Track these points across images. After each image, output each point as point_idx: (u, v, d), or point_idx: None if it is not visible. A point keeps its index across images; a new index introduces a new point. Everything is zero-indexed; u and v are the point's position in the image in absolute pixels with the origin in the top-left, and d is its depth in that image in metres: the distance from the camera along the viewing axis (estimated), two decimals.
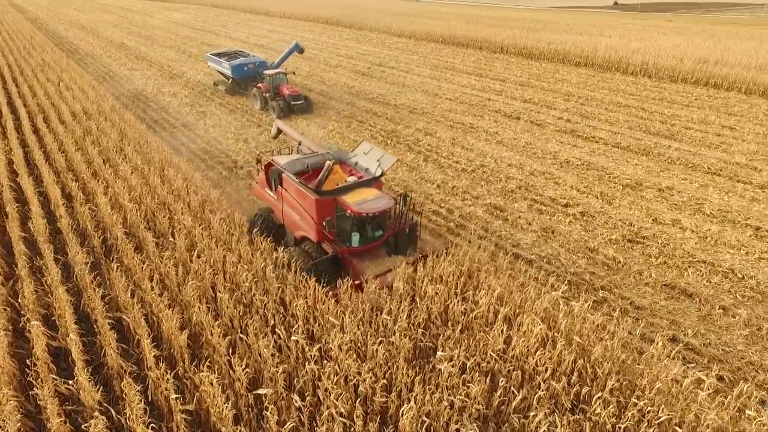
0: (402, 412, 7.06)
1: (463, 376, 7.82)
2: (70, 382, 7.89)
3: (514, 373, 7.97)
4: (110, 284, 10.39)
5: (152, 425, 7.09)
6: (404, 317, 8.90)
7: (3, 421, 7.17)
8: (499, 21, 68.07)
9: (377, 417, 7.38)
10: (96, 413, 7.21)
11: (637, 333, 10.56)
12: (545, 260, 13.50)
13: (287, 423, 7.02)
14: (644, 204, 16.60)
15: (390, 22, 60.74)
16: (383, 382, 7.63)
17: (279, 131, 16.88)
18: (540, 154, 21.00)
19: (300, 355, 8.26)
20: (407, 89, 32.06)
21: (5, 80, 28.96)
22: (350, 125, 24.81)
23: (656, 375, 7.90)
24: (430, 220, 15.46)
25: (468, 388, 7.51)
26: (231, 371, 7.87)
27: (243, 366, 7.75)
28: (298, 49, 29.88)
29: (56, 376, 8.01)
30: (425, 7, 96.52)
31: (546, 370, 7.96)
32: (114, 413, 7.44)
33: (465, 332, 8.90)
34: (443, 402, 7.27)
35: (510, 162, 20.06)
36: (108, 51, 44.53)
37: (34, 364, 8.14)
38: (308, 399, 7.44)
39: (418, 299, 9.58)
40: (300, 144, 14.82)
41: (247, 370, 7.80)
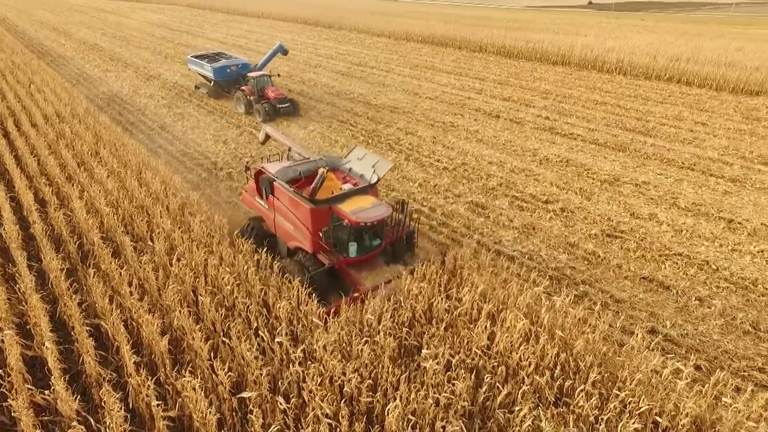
0: (388, 411, 7.05)
1: (448, 374, 7.85)
2: (47, 392, 7.67)
3: (499, 369, 8.05)
4: (87, 290, 10.15)
5: None
6: (388, 316, 8.90)
7: None
8: (478, 20, 68.61)
9: (363, 417, 7.35)
10: (74, 423, 7.03)
11: (618, 326, 10.74)
12: (527, 256, 13.65)
13: (272, 426, 6.95)
14: (622, 199, 16.92)
15: (369, 22, 60.71)
16: (369, 382, 7.61)
17: (267, 137, 16.09)
18: (520, 152, 21.23)
19: (284, 357, 8.19)
20: (388, 89, 32.08)
21: None
22: (331, 125, 24.72)
23: (636, 366, 8.05)
24: (413, 219, 15.46)
25: (453, 385, 7.54)
26: (214, 375, 7.75)
27: (226, 370, 7.64)
28: (282, 51, 28.95)
29: (31, 386, 7.78)
30: (404, 7, 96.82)
31: (530, 365, 8.04)
32: (93, 422, 7.26)
33: (449, 330, 8.94)
34: (429, 400, 7.28)
35: (490, 160, 20.23)
36: (81, 52, 43.51)
37: (8, 375, 7.90)
38: (293, 401, 7.38)
39: (402, 298, 9.59)
40: (290, 150, 14.19)
41: (230, 374, 7.69)
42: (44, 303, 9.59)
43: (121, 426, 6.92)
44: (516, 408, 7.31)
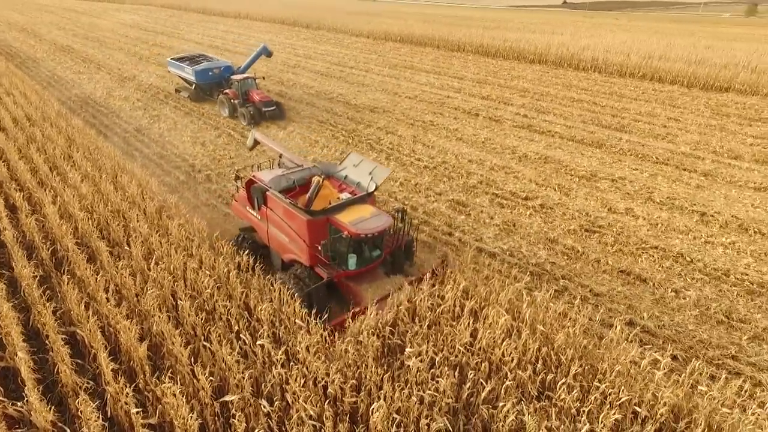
0: (372, 411, 7.04)
1: (432, 371, 7.88)
2: (20, 404, 7.44)
3: (482, 365, 8.10)
4: (62, 298, 9.88)
5: None
6: (371, 315, 8.88)
7: None
8: (456, 20, 69.05)
9: (347, 417, 7.33)
10: None
11: (597, 319, 10.93)
12: (508, 253, 13.78)
13: (256, 429, 6.88)
14: (599, 194, 17.22)
15: (347, 22, 60.53)
16: (352, 382, 7.59)
17: (256, 143, 15.21)
18: (499, 150, 21.44)
19: (266, 360, 8.11)
20: (367, 88, 32.04)
21: None
22: (311, 126, 24.57)
23: (616, 358, 8.20)
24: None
25: (437, 383, 7.57)
26: (195, 380, 7.63)
27: (207, 374, 7.53)
28: (266, 53, 28.16)
29: (3, 398, 7.53)
30: (381, 7, 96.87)
31: (512, 360, 8.12)
32: None
33: (432, 327, 8.96)
34: (413, 398, 7.30)
35: (470, 158, 20.38)
36: (52, 54, 42.35)
37: None
38: (276, 403, 7.30)
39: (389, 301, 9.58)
40: (281, 157, 13.47)
41: (212, 379, 7.58)
42: (16, 312, 9.31)
43: None
44: (500, 403, 7.37)
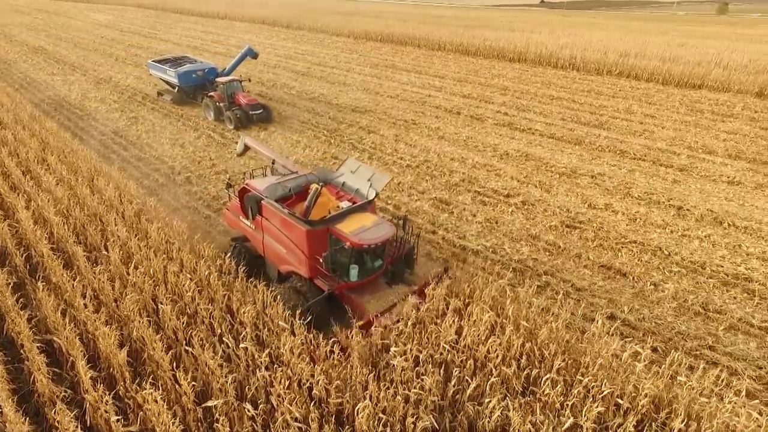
0: (357, 411, 7.01)
1: (417, 369, 7.88)
2: None
3: (467, 363, 8.13)
4: (37, 305, 9.62)
5: None
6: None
7: None
8: (436, 19, 69.32)
9: (333, 418, 7.29)
10: None
11: (579, 313, 11.08)
12: (491, 250, 13.88)
13: None
14: (579, 191, 17.46)
15: (327, 22, 60.28)
16: (337, 383, 7.55)
17: (246, 148, 14.64)
18: (481, 147, 21.58)
19: (250, 363, 8.02)
20: (348, 88, 31.95)
21: None
22: (292, 126, 24.39)
23: (598, 352, 8.31)
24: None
25: (422, 381, 7.57)
26: (177, 386, 7.50)
27: (189, 379, 7.41)
28: (252, 54, 27.27)
29: None
30: (361, 6, 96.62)
31: (497, 357, 8.17)
32: None
33: (417, 326, 8.96)
34: (398, 397, 7.29)
35: (453, 156, 20.47)
36: (24, 56, 41.26)
37: None
38: (261, 407, 7.23)
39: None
40: (274, 163, 12.96)
41: (194, 383, 7.46)
42: None
43: None
44: (485, 400, 7.40)
